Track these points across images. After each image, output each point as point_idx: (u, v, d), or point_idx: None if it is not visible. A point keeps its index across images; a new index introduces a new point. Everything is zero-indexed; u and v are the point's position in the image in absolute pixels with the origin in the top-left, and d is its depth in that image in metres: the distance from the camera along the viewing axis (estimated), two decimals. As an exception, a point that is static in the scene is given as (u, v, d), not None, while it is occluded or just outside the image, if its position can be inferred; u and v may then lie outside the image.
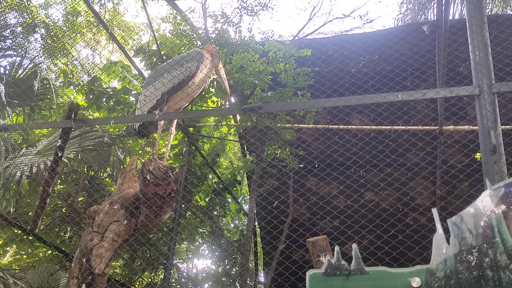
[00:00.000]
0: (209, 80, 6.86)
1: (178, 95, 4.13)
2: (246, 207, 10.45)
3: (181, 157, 8.63)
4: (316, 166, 8.20)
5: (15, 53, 7.05)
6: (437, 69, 6.52)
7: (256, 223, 9.68)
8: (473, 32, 2.93)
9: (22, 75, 6.85)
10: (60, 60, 10.94)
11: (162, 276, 8.76)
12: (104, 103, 7.77)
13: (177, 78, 4.05)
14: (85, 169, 7.14)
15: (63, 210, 7.10)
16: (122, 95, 7.65)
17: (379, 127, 6.52)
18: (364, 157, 7.42)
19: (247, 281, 9.65)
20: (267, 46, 6.03)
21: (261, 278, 10.25)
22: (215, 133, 9.51)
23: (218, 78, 4.93)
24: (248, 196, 9.32)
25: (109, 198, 4.34)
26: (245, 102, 6.56)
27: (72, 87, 8.85)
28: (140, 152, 8.38)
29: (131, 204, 4.20)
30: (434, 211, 2.26)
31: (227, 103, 7.93)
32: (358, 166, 7.89)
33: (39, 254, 7.88)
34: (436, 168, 7.33)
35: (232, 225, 11.83)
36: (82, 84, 8.49)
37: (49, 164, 4.96)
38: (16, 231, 6.16)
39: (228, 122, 7.86)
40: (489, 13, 9.09)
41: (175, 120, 4.18)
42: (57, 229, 7.23)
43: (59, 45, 13.47)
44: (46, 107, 7.29)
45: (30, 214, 5.52)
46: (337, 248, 2.33)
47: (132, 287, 9.17)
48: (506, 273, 2.01)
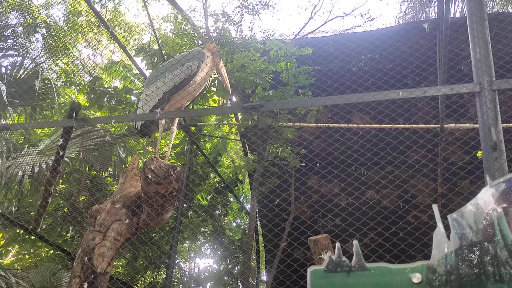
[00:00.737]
0: (210, 79, 6.88)
1: (180, 94, 4.13)
2: (248, 206, 10.46)
3: (183, 156, 8.64)
4: (318, 165, 8.21)
5: (16, 53, 7.06)
6: (438, 67, 6.52)
7: (258, 222, 9.70)
8: (474, 30, 2.93)
9: (24, 75, 6.86)
10: (61, 60, 10.96)
11: (164, 276, 8.77)
12: (106, 103, 7.78)
13: (179, 77, 4.06)
14: (87, 169, 7.15)
15: (65, 210, 7.12)
16: (124, 95, 7.66)
17: (380, 125, 6.51)
18: (365, 155, 7.42)
19: (250, 280, 9.66)
20: (268, 45, 6.03)
21: (264, 277, 10.27)
22: (217, 132, 9.52)
23: (219, 77, 4.93)
24: (250, 195, 9.33)
25: (111, 197, 4.35)
26: (246, 101, 6.56)
27: (74, 87, 8.86)
28: (142, 152, 8.39)
29: (133, 203, 4.20)
30: (435, 208, 2.27)
31: (229, 102, 7.94)
32: (360, 164, 7.89)
33: (41, 254, 7.90)
34: (437, 166, 7.32)
35: (234, 224, 11.84)
36: (84, 84, 8.50)
37: (51, 164, 4.95)
38: (18, 231, 6.17)
39: (230, 121, 7.86)
40: (490, 11, 9.08)
41: (177, 119, 4.18)
42: (59, 229, 7.24)
43: (61, 45, 13.50)
44: (48, 107, 7.30)
45: (32, 214, 5.53)
46: (338, 245, 2.34)
47: (135, 287, 9.19)
48: (507, 269, 2.03)
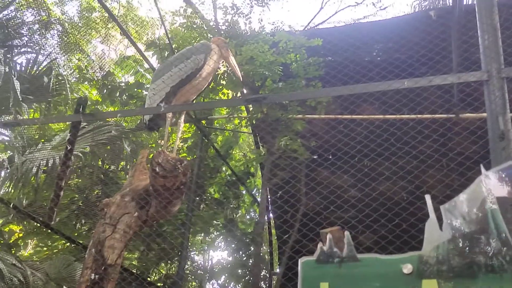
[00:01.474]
0: (220, 72, 6.91)
1: (186, 88, 4.16)
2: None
3: (194, 150, 8.70)
4: (332, 156, 8.18)
5: (31, 50, 7.17)
6: (454, 56, 6.42)
7: (271, 214, 9.74)
8: (482, 16, 2.87)
9: (38, 72, 6.96)
10: (75, 56, 11.08)
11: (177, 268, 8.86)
12: (118, 97, 7.88)
13: (185, 71, 4.09)
14: (99, 163, 7.25)
15: (80, 203, 7.24)
16: (135, 89, 7.75)
17: (388, 116, 6.46)
18: (382, 146, 7.36)
19: (262, 272, 9.72)
20: (278, 37, 6.02)
21: (278, 270, 10.30)
22: (228, 125, 9.55)
23: (230, 69, 4.94)
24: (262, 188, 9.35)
25: (121, 191, 4.42)
26: (256, 94, 6.57)
27: (87, 82, 8.97)
28: (154, 146, 8.47)
29: (142, 197, 4.26)
30: (427, 198, 2.25)
31: (239, 95, 7.96)
32: (376, 155, 7.83)
33: (59, 246, 8.05)
34: (450, 159, 7.24)
35: (248, 217, 11.88)
36: (97, 79, 8.61)
37: (60, 159, 5.05)
38: (34, 224, 6.30)
39: (240, 114, 7.89)
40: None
41: (183, 113, 4.22)
42: (74, 222, 7.37)
43: (74, 41, 13.66)
44: (62, 103, 7.41)
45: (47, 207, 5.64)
46: (329, 236, 2.37)
47: (148, 279, 9.31)
48: (499, 259, 2.03)
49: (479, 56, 6.91)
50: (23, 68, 6.70)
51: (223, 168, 10.00)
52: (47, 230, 6.08)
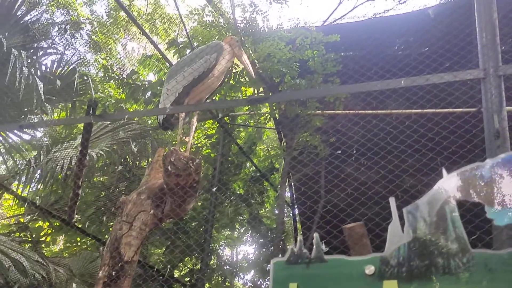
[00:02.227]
0: (239, 70, 6.95)
1: (199, 88, 4.21)
2: (287, 194, 10.49)
3: (218, 146, 8.78)
4: (355, 152, 8.13)
5: (55, 51, 7.37)
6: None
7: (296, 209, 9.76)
8: (481, 13, 2.83)
9: (63, 72, 7.14)
10: (101, 56, 11.31)
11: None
12: (141, 96, 8.00)
13: (197, 71, 4.14)
14: (122, 161, 7.41)
15: (104, 201, 7.42)
16: (158, 88, 7.84)
17: (409, 111, 6.36)
18: (405, 142, 7.27)
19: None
20: (294, 34, 6.02)
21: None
22: (251, 121, 9.58)
23: (243, 66, 4.97)
24: (287, 183, 9.38)
25: (137, 189, 4.52)
26: (275, 90, 6.60)
27: (113, 81, 9.14)
28: (175, 143, 8.57)
29: (157, 194, 4.34)
30: (391, 201, 2.30)
31: (261, 91, 7.99)
32: (399, 152, 7.74)
33: (87, 242, 8.27)
34: (476, 155, 7.07)
35: (277, 212, 11.91)
36: (121, 78, 8.76)
37: (79, 158, 5.19)
38: (57, 223, 6.50)
39: (259, 111, 7.92)
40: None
41: (196, 113, 4.28)
42: (99, 219, 7.56)
43: (103, 40, 13.91)
44: (86, 103, 7.59)
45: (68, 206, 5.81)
46: (300, 238, 2.44)
47: (175, 275, 9.48)
48: (456, 260, 2.08)
49: (506, 46, 6.72)
50: (48, 69, 6.88)
51: (247, 164, 10.05)
52: (68, 228, 6.26)
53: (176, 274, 10.00)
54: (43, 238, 7.56)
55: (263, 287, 10.84)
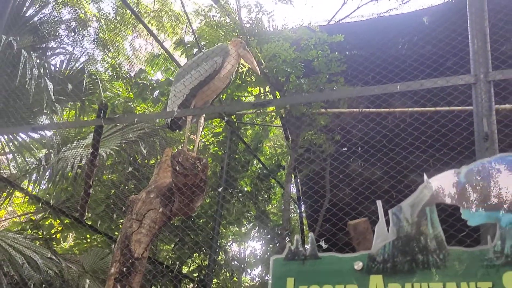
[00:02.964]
0: (244, 70, 7.06)
1: (205, 89, 4.34)
2: (294, 191, 10.60)
3: (225, 144, 8.90)
4: (360, 149, 8.22)
5: (64, 51, 7.49)
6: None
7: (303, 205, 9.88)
8: (472, 21, 2.96)
9: (72, 72, 7.25)
10: (108, 56, 11.42)
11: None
12: (149, 95, 8.14)
13: (203, 74, 4.26)
14: (131, 160, 7.54)
15: (114, 198, 7.55)
16: (166, 87, 7.97)
17: (410, 109, 6.43)
18: (407, 139, 7.35)
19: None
20: (299, 34, 6.11)
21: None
22: (258, 119, 9.70)
23: (250, 66, 5.08)
24: (293, 180, 9.49)
25: (146, 188, 4.64)
26: (281, 89, 6.70)
27: (121, 80, 9.27)
28: (183, 140, 8.68)
29: (166, 193, 4.47)
30: (378, 203, 2.57)
31: (267, 90, 8.10)
32: (401, 148, 7.82)
33: (97, 239, 8.41)
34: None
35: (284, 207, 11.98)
36: (130, 77, 8.89)
37: (88, 158, 5.33)
38: (68, 221, 6.64)
39: (265, 110, 8.02)
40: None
41: (203, 115, 4.40)
42: (110, 216, 7.70)
43: (111, 38, 14.01)
44: (96, 102, 7.71)
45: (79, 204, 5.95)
46: (297, 237, 2.68)
47: (184, 271, 9.62)
48: (434, 257, 2.35)
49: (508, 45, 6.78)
50: (57, 69, 7.00)
51: (254, 162, 10.17)
52: (79, 225, 6.41)
53: (185, 270, 10.15)
54: (54, 236, 7.71)
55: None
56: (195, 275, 9.74)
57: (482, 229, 2.65)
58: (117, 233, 7.10)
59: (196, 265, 10.01)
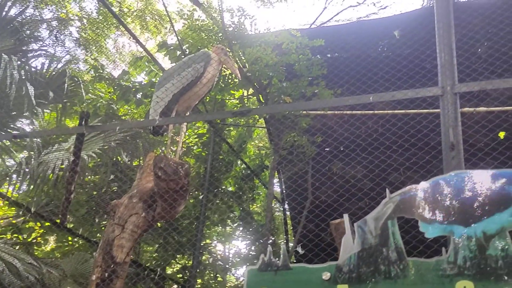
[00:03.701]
0: (227, 73, 7.09)
1: (188, 95, 4.37)
2: (278, 190, 10.66)
3: (209, 146, 8.92)
4: (341, 150, 8.32)
5: (45, 53, 7.41)
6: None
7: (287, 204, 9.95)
8: (440, 36, 3.08)
9: (53, 74, 7.18)
10: (91, 56, 11.33)
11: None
12: (132, 97, 8.11)
13: (186, 79, 4.29)
14: (113, 162, 7.51)
15: (96, 201, 7.52)
16: (149, 89, 7.95)
17: (384, 112, 6.54)
18: (390, 139, 7.46)
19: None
20: (281, 38, 6.16)
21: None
22: (242, 120, 9.73)
23: (231, 71, 5.13)
24: (277, 180, 9.56)
25: (129, 192, 4.65)
26: (263, 92, 6.76)
27: (103, 82, 9.19)
28: (166, 142, 8.67)
29: (149, 198, 4.48)
30: (345, 217, 2.74)
31: (250, 92, 8.14)
32: (385, 148, 7.93)
33: (79, 242, 8.37)
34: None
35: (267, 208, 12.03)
36: (112, 79, 8.83)
37: (70, 164, 5.31)
38: (48, 224, 6.60)
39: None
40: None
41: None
42: (92, 219, 7.67)
43: (93, 38, 13.88)
44: (78, 104, 7.67)
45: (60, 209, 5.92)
46: (270, 249, 2.81)
47: (167, 272, 9.63)
48: (395, 267, 2.50)
49: (483, 51, 6.90)
50: (38, 71, 6.93)
51: (238, 162, 10.21)
52: (59, 229, 6.38)
53: (169, 271, 10.16)
54: (35, 239, 7.65)
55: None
56: (179, 276, 9.76)
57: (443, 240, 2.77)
58: (99, 236, 7.08)
59: (180, 266, 10.03)
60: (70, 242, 8.15)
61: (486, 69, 5.48)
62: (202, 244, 9.14)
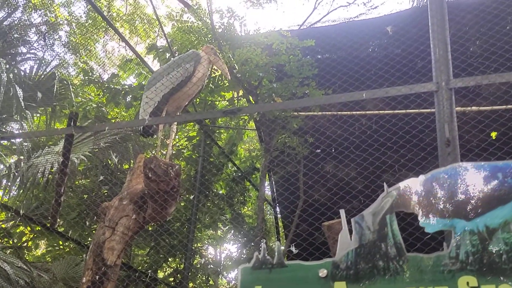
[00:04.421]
0: (217, 74, 7.08)
1: (178, 95, 4.35)
2: (269, 193, 10.65)
3: (199, 148, 8.89)
4: (333, 150, 8.33)
5: (35, 56, 7.37)
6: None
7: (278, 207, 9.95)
8: (434, 31, 3.06)
9: (42, 77, 7.14)
10: (80, 60, 11.26)
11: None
12: (122, 99, 8.07)
13: (176, 80, 4.27)
14: (103, 165, 7.46)
15: (86, 204, 7.47)
16: (139, 91, 7.92)
17: (375, 112, 6.56)
18: (379, 140, 7.48)
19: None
20: (271, 39, 6.16)
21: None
22: (232, 123, 9.71)
23: (221, 71, 5.12)
24: (268, 182, 9.54)
25: (119, 194, 4.61)
26: (254, 93, 6.75)
27: (93, 85, 9.16)
28: (156, 144, 8.64)
29: (139, 199, 4.45)
30: (342, 212, 2.66)
31: (241, 94, 8.14)
32: (374, 149, 7.95)
33: (70, 245, 8.30)
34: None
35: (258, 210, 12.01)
36: (102, 82, 8.80)
37: (59, 166, 5.27)
38: (39, 228, 6.54)
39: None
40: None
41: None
42: (82, 223, 7.61)
43: (83, 42, 13.81)
44: (67, 107, 7.61)
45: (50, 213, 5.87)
46: (264, 245, 2.73)
47: (159, 275, 9.57)
48: (394, 263, 2.43)
49: (474, 49, 6.94)
50: (27, 74, 6.89)
51: (229, 165, 10.18)
52: (49, 233, 6.32)
53: (161, 275, 10.10)
54: (25, 244, 7.57)
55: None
56: (171, 280, 9.70)
57: (441, 236, 2.74)
58: (90, 240, 7.02)
59: (172, 270, 9.97)
60: (61, 247, 8.08)
61: (476, 68, 5.50)
62: (193, 247, 9.09)
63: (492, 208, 2.35)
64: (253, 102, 7.02)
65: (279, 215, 10.19)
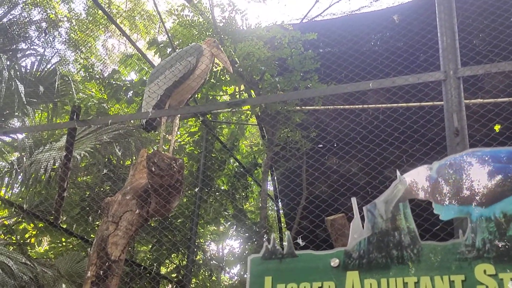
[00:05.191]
0: (219, 69, 7.05)
1: (180, 89, 4.32)
2: (271, 188, 10.64)
3: (201, 144, 8.88)
4: (335, 146, 8.30)
5: (36, 53, 7.35)
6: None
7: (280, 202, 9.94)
8: (441, 19, 3.02)
9: (44, 73, 7.12)
10: (81, 56, 11.24)
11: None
12: (123, 95, 8.05)
13: (178, 73, 4.25)
14: (106, 161, 7.45)
15: (89, 200, 7.46)
16: (140, 87, 7.90)
17: (378, 105, 6.53)
18: (380, 136, 7.45)
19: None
20: (273, 32, 6.13)
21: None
22: (234, 118, 9.69)
23: (223, 64, 5.09)
24: (270, 178, 9.53)
25: (122, 190, 4.60)
26: (256, 88, 6.72)
27: (94, 81, 9.13)
28: (158, 140, 8.63)
29: (142, 194, 4.43)
30: (353, 200, 2.62)
31: (242, 88, 8.10)
32: (375, 145, 7.92)
33: (73, 242, 8.29)
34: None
35: (261, 206, 12.00)
36: (103, 78, 8.77)
37: (62, 161, 5.25)
38: (42, 224, 6.54)
39: (240, 109, 8.02)
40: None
41: (178, 115, 4.39)
42: (85, 218, 7.60)
43: (83, 38, 13.79)
44: (69, 103, 7.60)
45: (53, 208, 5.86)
46: (273, 236, 2.71)
47: (162, 271, 9.57)
48: (408, 252, 2.38)
49: (478, 42, 6.90)
50: (28, 70, 6.87)
51: (231, 160, 10.17)
52: (53, 229, 6.32)
53: (163, 271, 10.10)
54: (28, 240, 7.57)
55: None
56: (174, 276, 9.70)
57: (456, 223, 2.70)
58: (93, 236, 7.01)
59: (175, 266, 9.97)
60: (64, 243, 8.08)
61: (479, 62, 5.46)
62: (196, 243, 9.09)
63: (510, 194, 2.29)
64: (255, 97, 6.99)
65: (281, 211, 10.18)
